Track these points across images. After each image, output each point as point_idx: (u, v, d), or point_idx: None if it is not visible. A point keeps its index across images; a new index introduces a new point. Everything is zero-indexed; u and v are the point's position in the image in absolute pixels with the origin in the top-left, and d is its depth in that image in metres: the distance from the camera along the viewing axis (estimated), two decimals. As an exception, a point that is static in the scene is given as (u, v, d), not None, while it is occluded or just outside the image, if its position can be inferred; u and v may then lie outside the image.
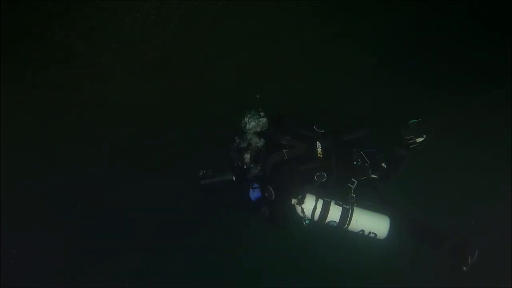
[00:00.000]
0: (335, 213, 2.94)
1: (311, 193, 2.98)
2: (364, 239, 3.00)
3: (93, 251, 4.78)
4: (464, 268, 2.98)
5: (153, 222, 4.78)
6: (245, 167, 3.16)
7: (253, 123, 3.14)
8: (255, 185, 3.11)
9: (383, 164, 3.11)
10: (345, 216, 2.92)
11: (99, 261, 4.81)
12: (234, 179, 3.23)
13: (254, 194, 3.07)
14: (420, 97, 4.23)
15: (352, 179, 3.00)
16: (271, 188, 2.90)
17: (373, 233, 2.98)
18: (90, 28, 2.87)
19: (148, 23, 2.91)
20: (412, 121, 3.10)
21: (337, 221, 2.94)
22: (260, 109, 3.17)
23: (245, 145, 3.13)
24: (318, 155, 3.00)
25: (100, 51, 3.10)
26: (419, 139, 3.08)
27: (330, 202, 2.95)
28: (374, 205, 3.05)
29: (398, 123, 3.09)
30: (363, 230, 2.98)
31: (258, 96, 3.28)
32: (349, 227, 2.96)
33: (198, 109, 4.12)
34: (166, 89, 3.68)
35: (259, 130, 3.14)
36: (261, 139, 3.12)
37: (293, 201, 2.97)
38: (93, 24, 2.84)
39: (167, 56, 3.27)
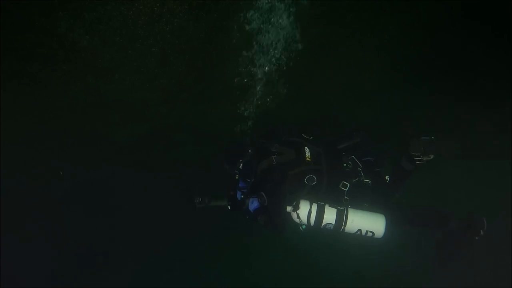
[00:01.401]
0: (330, 216, 2.96)
1: (305, 198, 3.01)
2: (362, 240, 3.01)
3: (92, 251, 4.78)
4: (477, 238, 2.99)
5: (153, 222, 4.78)
6: (238, 195, 3.23)
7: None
8: (253, 198, 3.14)
9: (386, 177, 3.12)
10: (341, 218, 2.94)
11: (99, 261, 4.81)
12: (229, 208, 3.29)
13: (253, 205, 3.10)
14: (425, 103, 4.22)
15: (344, 182, 3.02)
16: (263, 194, 2.93)
17: (370, 232, 2.99)
18: (93, 21, 2.85)
19: (152, 17, 2.88)
20: (424, 138, 3.05)
21: (333, 223, 2.95)
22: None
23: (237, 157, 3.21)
24: (307, 159, 3.03)
25: (103, 45, 3.08)
26: (426, 158, 3.06)
27: (324, 205, 2.97)
28: (369, 205, 3.07)
29: (408, 135, 3.06)
30: (360, 230, 2.99)
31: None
32: (346, 228, 2.97)
33: (202, 108, 4.12)
34: (170, 87, 3.67)
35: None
36: (251, 149, 3.19)
37: (288, 208, 3.01)
38: (97, 17, 2.82)
39: (171, 51, 3.26)
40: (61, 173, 4.17)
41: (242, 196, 3.15)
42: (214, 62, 3.58)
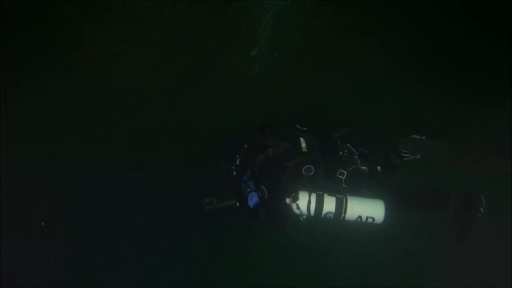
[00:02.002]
0: (330, 204, 3.00)
1: (303, 189, 3.04)
2: (363, 227, 3.04)
3: (92, 251, 4.78)
4: (480, 215, 3.00)
5: (153, 222, 4.77)
6: (244, 190, 3.24)
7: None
8: (253, 193, 3.15)
9: (378, 167, 3.17)
10: (340, 206, 2.99)
11: (99, 261, 4.81)
12: (238, 205, 3.29)
13: (252, 201, 3.11)
14: (425, 103, 4.23)
15: (341, 170, 3.06)
16: (263, 187, 2.95)
17: (370, 217, 3.04)
18: (94, 7, 2.84)
19: (152, 4, 2.86)
20: (414, 136, 3.10)
21: (333, 211, 2.99)
22: None
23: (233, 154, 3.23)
24: (303, 150, 3.08)
25: (105, 31, 3.05)
26: (413, 157, 3.11)
27: (323, 194, 3.01)
28: (368, 192, 3.11)
29: (401, 132, 3.09)
30: (360, 217, 3.04)
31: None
32: (346, 216, 3.01)
33: (202, 107, 4.11)
34: (170, 84, 3.64)
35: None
36: (247, 144, 3.22)
37: (287, 200, 3.02)
38: (98, 10, 2.81)
39: (174, 39, 3.23)
40: None
41: (248, 190, 3.15)
42: (215, 56, 3.56)
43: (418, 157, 3.10)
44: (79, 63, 3.25)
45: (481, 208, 2.99)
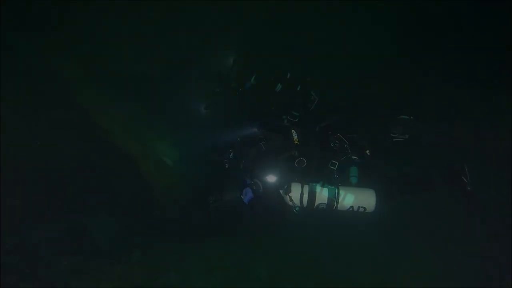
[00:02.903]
0: (322, 196, 3.05)
1: (296, 181, 3.06)
2: (362, 226, 3.06)
3: (92, 251, 4.79)
4: (469, 188, 3.06)
5: (152, 222, 4.79)
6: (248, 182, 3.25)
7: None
8: (247, 187, 3.17)
9: (367, 151, 3.21)
10: (333, 196, 3.02)
11: (99, 261, 4.82)
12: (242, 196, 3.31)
13: (247, 196, 3.13)
14: (425, 101, 4.23)
15: (333, 161, 3.09)
16: (257, 181, 2.97)
17: (362, 207, 3.11)
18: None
19: None
20: (403, 116, 3.16)
21: (326, 202, 3.03)
22: None
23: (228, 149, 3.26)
24: (295, 142, 3.12)
25: (101, 10, 3.03)
26: (402, 137, 3.15)
27: (315, 185, 3.04)
28: (359, 181, 3.15)
29: (391, 115, 3.14)
30: (352, 207, 3.11)
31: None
32: (338, 206, 3.04)
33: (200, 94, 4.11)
34: (172, 60, 3.62)
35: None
36: (240, 137, 3.24)
37: (281, 192, 3.05)
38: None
39: (174, 19, 3.21)
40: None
41: (252, 182, 3.18)
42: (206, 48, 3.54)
43: (406, 137, 3.15)
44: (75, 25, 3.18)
45: (463, 178, 3.05)
